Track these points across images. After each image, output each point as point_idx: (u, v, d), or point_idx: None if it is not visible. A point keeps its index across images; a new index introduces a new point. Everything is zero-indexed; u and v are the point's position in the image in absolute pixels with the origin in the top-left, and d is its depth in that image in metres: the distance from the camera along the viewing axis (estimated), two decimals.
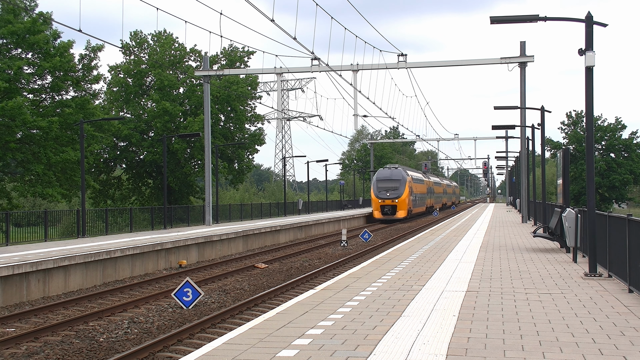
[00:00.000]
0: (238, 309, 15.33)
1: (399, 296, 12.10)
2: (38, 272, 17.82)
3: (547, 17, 15.15)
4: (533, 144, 41.26)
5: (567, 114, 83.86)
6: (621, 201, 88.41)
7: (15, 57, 39.25)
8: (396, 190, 56.13)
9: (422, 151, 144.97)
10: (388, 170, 59.04)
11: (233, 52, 54.42)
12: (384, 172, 58.81)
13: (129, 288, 19.24)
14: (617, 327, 9.44)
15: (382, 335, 8.93)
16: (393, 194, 55.90)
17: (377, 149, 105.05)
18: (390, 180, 57.01)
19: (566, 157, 19.97)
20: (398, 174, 57.61)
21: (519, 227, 34.53)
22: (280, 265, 24.97)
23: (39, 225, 29.25)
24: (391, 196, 55.77)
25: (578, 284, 13.60)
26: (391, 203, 55.76)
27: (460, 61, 38.42)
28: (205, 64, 39.28)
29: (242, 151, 55.71)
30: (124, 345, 12.32)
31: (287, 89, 77.53)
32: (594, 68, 14.53)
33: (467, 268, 16.23)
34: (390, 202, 55.76)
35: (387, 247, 28.80)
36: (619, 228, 13.17)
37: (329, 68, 35.52)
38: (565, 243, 18.83)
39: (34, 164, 38.14)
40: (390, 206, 55.76)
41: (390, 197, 55.75)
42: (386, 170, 59.04)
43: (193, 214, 41.06)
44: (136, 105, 52.94)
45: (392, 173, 57.88)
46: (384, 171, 59.07)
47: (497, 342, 8.53)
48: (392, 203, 55.74)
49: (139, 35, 53.18)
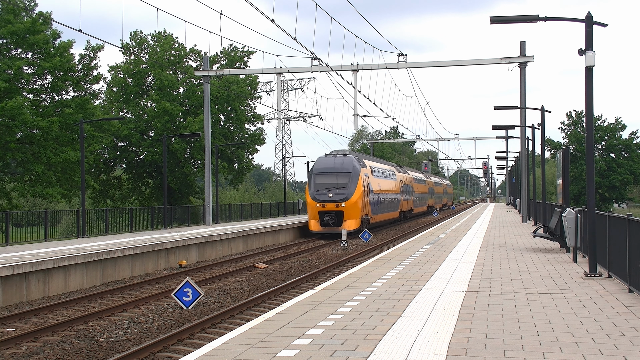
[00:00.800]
0: (238, 309, 15.33)
1: (399, 296, 12.10)
2: (38, 272, 17.82)
3: (547, 17, 15.15)
4: (533, 144, 41.29)
5: (567, 114, 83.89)
6: (621, 201, 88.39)
7: (15, 57, 39.25)
8: (343, 188, 38.07)
9: (422, 151, 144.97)
10: (332, 158, 40.08)
11: (233, 52, 54.43)
12: (326, 161, 40.00)
13: (129, 288, 19.24)
14: (617, 327, 9.44)
15: (382, 335, 8.93)
16: (338, 194, 37.80)
17: (377, 149, 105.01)
18: (335, 173, 38.79)
19: (566, 157, 19.98)
20: (347, 164, 39.08)
21: (519, 227, 34.53)
22: (280, 265, 24.97)
23: (39, 225, 29.25)
24: (335, 197, 37.72)
25: (578, 284, 13.60)
26: (335, 208, 37.63)
27: (460, 61, 38.42)
28: (205, 64, 39.28)
29: (242, 151, 55.71)
30: (124, 345, 12.32)
31: (287, 89, 77.65)
32: (594, 68, 14.53)
33: (467, 268, 16.23)
34: (334, 207, 37.65)
35: (387, 247, 28.80)
36: (619, 228, 13.17)
37: (329, 68, 35.52)
38: (565, 243, 18.84)
39: (34, 164, 38.15)
40: (333, 213, 37.71)
41: (333, 200, 37.70)
42: (329, 159, 40.05)
43: (193, 214, 41.07)
44: (136, 105, 52.95)
45: (338, 162, 39.43)
46: (326, 160, 40.13)
47: (497, 342, 8.53)
48: (336, 208, 37.62)
49: (139, 35, 53.18)
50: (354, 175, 38.42)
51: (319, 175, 38.82)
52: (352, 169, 38.68)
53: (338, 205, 37.54)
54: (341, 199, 37.59)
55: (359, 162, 40.23)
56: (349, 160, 39.43)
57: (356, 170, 38.74)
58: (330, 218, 37.56)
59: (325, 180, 38.49)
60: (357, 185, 38.17)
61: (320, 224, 37.82)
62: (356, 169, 38.85)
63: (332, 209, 37.59)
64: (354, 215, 37.84)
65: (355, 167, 38.94)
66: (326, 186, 38.14)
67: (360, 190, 38.34)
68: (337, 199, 37.58)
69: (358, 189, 38.20)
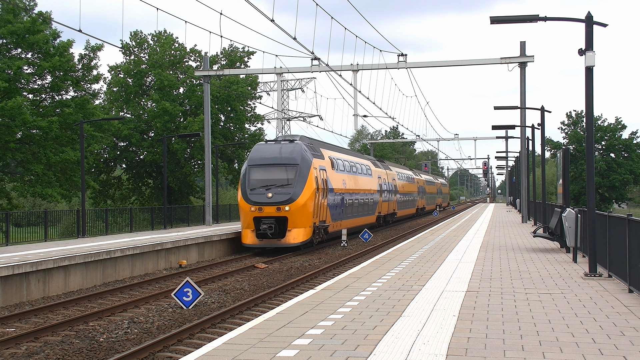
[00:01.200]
0: (238, 309, 15.33)
1: (399, 296, 12.10)
2: (38, 272, 17.82)
3: (547, 17, 15.15)
4: (533, 144, 41.30)
5: (567, 114, 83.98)
6: (621, 201, 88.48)
7: (15, 57, 39.28)
8: (287, 186, 28.61)
9: (422, 151, 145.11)
10: (274, 146, 30.50)
11: (233, 52, 54.46)
12: (265, 149, 30.39)
13: (129, 288, 19.24)
14: (617, 327, 9.44)
15: (382, 335, 8.93)
16: (280, 194, 28.40)
17: (377, 149, 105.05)
18: (276, 166, 29.28)
19: (566, 157, 19.99)
20: (293, 154, 29.44)
21: (519, 227, 34.54)
22: (280, 265, 24.97)
23: (39, 225, 29.27)
24: (275, 199, 28.30)
25: (578, 284, 13.60)
26: (275, 213, 28.20)
27: (460, 61, 38.43)
28: (205, 64, 39.29)
29: (242, 151, 55.73)
30: (124, 345, 12.32)
31: (287, 89, 77.38)
32: (594, 68, 14.54)
33: (467, 268, 16.23)
34: (274, 211, 28.22)
35: (387, 247, 28.80)
36: (619, 228, 13.18)
37: (329, 68, 35.53)
38: (565, 243, 18.84)
39: (33, 164, 38.16)
40: (272, 220, 28.20)
41: (273, 202, 28.27)
42: (270, 147, 30.53)
43: (193, 214, 41.08)
44: (136, 105, 52.96)
45: (281, 151, 29.79)
46: (266, 148, 30.56)
47: (497, 342, 8.53)
48: (276, 213, 28.20)
49: (139, 35, 53.20)
50: (303, 169, 28.76)
51: (255, 168, 29.13)
52: (301, 160, 28.92)
53: (280, 209, 27.91)
54: (284, 200, 27.96)
55: (311, 151, 30.52)
56: (297, 148, 29.49)
57: (306, 162, 29.05)
58: (269, 226, 27.87)
59: (263, 175, 28.88)
60: (306, 182, 28.50)
61: (255, 234, 28.16)
62: (306, 160, 29.12)
63: (272, 213, 28.00)
64: (301, 223, 28.19)
65: (306, 158, 29.17)
66: (264, 183, 28.57)
67: (311, 189, 28.65)
68: (279, 201, 28.00)
69: (308, 186, 28.54)
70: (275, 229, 28.13)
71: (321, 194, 30.17)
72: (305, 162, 29.14)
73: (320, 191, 29.95)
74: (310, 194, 28.70)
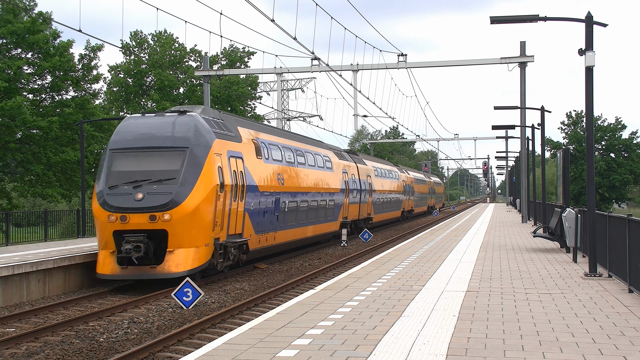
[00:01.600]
0: (238, 309, 15.32)
1: (399, 296, 12.10)
2: (38, 272, 17.81)
3: (547, 17, 15.16)
4: (533, 144, 41.30)
5: (567, 114, 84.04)
6: (621, 201, 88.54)
7: (15, 57, 39.28)
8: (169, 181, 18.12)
9: (422, 151, 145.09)
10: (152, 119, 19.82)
11: (233, 52, 54.47)
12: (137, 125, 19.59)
13: (129, 288, 19.20)
14: (617, 327, 9.44)
15: (382, 336, 8.93)
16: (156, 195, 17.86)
17: (377, 149, 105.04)
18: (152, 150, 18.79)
19: (566, 157, 20.00)
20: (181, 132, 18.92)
21: (519, 227, 34.54)
22: (280, 265, 24.96)
23: (39, 225, 29.27)
24: (149, 202, 17.75)
25: (578, 284, 13.60)
26: (148, 225, 17.68)
27: (460, 61, 38.46)
28: (205, 64, 39.30)
29: None
30: (124, 345, 12.32)
31: (287, 89, 77.37)
32: (594, 68, 14.54)
33: (467, 268, 16.24)
34: (146, 222, 17.69)
35: (387, 247, 28.79)
36: (619, 228, 13.18)
37: (329, 68, 35.53)
38: (565, 243, 18.85)
39: (33, 164, 38.16)
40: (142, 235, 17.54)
41: (144, 207, 17.72)
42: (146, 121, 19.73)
43: None
44: (136, 105, 52.96)
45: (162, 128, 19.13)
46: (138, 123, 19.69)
47: (497, 342, 8.53)
48: (150, 225, 17.66)
49: (139, 35, 53.23)
50: (198, 154, 18.58)
51: (118, 155, 18.97)
52: (194, 142, 18.73)
53: (155, 217, 17.67)
54: (162, 204, 17.76)
55: (216, 128, 20.07)
56: (188, 123, 19.17)
57: (202, 145, 18.84)
58: (135, 247, 17.43)
59: (130, 165, 18.70)
60: (201, 175, 18.34)
61: (117, 258, 17.83)
62: (202, 142, 18.89)
63: (143, 225, 17.72)
64: (191, 239, 18.03)
65: (202, 139, 18.93)
66: (131, 177, 18.29)
67: (209, 185, 18.51)
68: (154, 205, 17.76)
69: (204, 181, 18.42)
70: (146, 250, 17.52)
71: (232, 194, 19.87)
72: (201, 145, 18.75)
73: (229, 189, 19.64)
74: (207, 193, 18.33)
